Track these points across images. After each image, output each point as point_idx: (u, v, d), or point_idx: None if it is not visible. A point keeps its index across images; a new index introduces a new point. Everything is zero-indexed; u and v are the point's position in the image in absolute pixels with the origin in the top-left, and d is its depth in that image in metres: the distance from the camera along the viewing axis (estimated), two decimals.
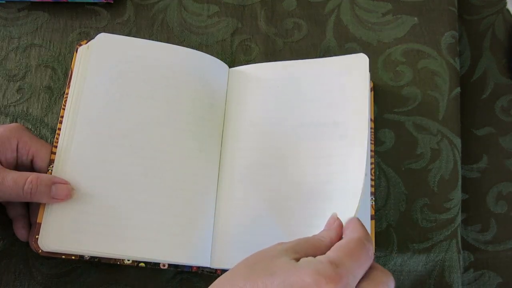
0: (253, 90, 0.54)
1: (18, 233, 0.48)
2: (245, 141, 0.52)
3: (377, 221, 0.52)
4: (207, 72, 0.54)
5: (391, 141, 0.55)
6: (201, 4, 0.60)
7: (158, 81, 0.52)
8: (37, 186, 0.45)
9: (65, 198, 0.46)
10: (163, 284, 0.50)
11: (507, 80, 0.60)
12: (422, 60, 0.58)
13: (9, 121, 0.54)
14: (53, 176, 0.46)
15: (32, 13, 0.59)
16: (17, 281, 0.49)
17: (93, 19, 0.59)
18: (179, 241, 0.48)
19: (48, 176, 0.46)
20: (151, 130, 0.50)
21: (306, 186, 0.49)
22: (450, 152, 0.54)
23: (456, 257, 0.51)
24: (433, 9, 0.60)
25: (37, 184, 0.45)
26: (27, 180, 0.45)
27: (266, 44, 0.59)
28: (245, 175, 0.50)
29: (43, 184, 0.45)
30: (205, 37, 0.59)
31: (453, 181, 0.53)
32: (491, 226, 0.54)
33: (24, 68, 0.57)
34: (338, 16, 0.60)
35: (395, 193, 0.53)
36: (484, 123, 0.58)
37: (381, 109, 0.56)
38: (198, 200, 0.49)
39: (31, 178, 0.45)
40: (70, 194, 0.46)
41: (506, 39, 0.61)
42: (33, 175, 0.45)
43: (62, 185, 0.46)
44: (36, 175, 0.45)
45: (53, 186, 0.45)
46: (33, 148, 0.48)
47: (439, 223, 0.52)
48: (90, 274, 0.50)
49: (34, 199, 0.45)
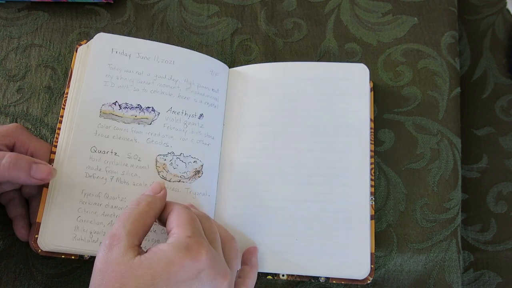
0: (253, 91, 0.54)
1: (18, 233, 0.48)
2: (245, 141, 0.52)
3: (377, 221, 0.52)
4: (206, 73, 0.54)
5: (391, 141, 0.55)
6: (201, 4, 0.60)
7: (157, 82, 0.52)
8: (17, 161, 0.43)
9: (46, 177, 0.44)
10: None
11: (507, 80, 0.60)
12: (422, 60, 0.58)
13: (9, 121, 0.54)
14: (34, 159, 0.45)
15: (32, 13, 0.59)
16: (17, 281, 0.49)
17: (93, 19, 0.59)
18: None
19: (29, 157, 0.45)
20: (154, 130, 0.50)
21: (305, 187, 0.49)
22: (450, 152, 0.54)
23: (456, 257, 0.51)
24: (433, 9, 0.60)
25: (17, 159, 0.43)
26: (6, 155, 0.43)
27: (266, 44, 0.59)
28: (244, 175, 0.50)
29: (24, 160, 0.44)
30: (205, 37, 0.59)
31: (453, 181, 0.53)
32: (491, 226, 0.54)
33: (24, 68, 0.57)
34: (338, 16, 0.60)
35: (395, 193, 0.53)
36: (484, 123, 0.58)
37: (381, 109, 0.56)
38: (202, 202, 0.50)
39: (11, 154, 0.43)
40: (51, 172, 0.45)
41: (506, 39, 0.61)
42: (13, 153, 0.44)
43: (43, 165, 0.45)
44: (16, 153, 0.44)
45: (33, 164, 0.44)
46: (32, 148, 0.48)
47: (439, 223, 0.52)
48: (90, 274, 0.50)
49: (12, 174, 0.43)
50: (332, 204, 0.49)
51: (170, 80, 0.52)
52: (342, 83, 0.52)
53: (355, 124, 0.51)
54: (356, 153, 0.50)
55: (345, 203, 0.49)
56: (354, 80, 0.52)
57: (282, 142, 0.51)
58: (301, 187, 0.49)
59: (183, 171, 0.49)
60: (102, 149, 0.49)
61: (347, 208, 0.49)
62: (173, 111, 0.51)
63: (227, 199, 0.50)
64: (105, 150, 0.49)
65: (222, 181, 0.51)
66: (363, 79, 0.52)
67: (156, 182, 0.45)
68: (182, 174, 0.49)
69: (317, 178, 0.49)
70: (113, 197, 0.48)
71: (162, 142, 0.50)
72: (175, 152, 0.50)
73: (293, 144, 0.51)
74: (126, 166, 0.49)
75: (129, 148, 0.49)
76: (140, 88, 0.51)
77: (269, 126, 0.52)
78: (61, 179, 0.47)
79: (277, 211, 0.49)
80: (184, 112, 0.51)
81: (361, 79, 0.52)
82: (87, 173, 0.48)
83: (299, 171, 0.50)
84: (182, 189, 0.49)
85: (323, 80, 0.53)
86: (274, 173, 0.50)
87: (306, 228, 0.48)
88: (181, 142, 0.50)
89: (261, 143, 0.51)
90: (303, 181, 0.49)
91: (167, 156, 0.50)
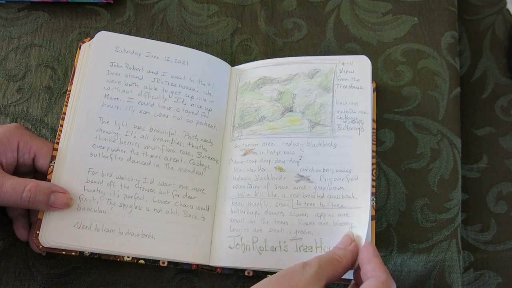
0: (256, 87, 0.54)
1: (18, 233, 0.48)
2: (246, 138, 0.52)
3: (377, 221, 0.52)
4: (208, 71, 0.54)
5: (391, 141, 0.55)
6: (201, 4, 0.60)
7: (157, 80, 0.52)
8: (36, 195, 0.44)
9: (63, 207, 0.46)
10: (163, 283, 0.50)
11: (507, 80, 0.60)
12: (422, 60, 0.58)
13: (9, 121, 0.54)
14: (52, 185, 0.46)
15: (32, 13, 0.59)
16: (17, 281, 0.49)
17: (93, 19, 0.59)
18: (180, 239, 0.48)
19: (47, 184, 0.46)
20: (156, 127, 0.51)
21: (305, 190, 0.49)
22: (450, 152, 0.54)
23: (456, 257, 0.51)
24: (433, 9, 0.60)
25: (36, 193, 0.44)
26: (25, 188, 0.44)
27: (266, 44, 0.59)
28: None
29: (42, 193, 0.45)
30: (205, 37, 0.59)
31: (453, 181, 0.53)
32: (491, 226, 0.54)
33: (24, 68, 0.57)
34: (338, 16, 0.60)
35: (395, 193, 0.53)
36: (484, 123, 0.58)
37: (381, 109, 0.56)
38: (201, 199, 0.50)
39: (30, 186, 0.44)
40: (68, 203, 0.46)
41: (506, 39, 0.61)
42: (32, 183, 0.45)
43: (61, 194, 0.46)
44: (35, 183, 0.45)
45: (51, 194, 0.45)
46: (34, 147, 0.48)
47: (439, 223, 0.52)
48: (90, 274, 0.50)
49: (32, 206, 0.45)
50: (333, 204, 0.48)
51: (173, 78, 0.52)
52: (344, 75, 0.52)
53: (356, 117, 0.50)
54: (358, 150, 0.50)
55: (347, 203, 0.48)
56: (356, 72, 0.52)
57: (283, 138, 0.51)
58: (298, 184, 0.49)
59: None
60: (102, 147, 0.49)
61: (348, 209, 0.48)
62: (176, 110, 0.52)
63: (226, 198, 0.50)
64: (106, 149, 0.49)
65: (221, 179, 0.51)
66: (366, 72, 0.52)
67: (346, 235, 0.46)
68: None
69: (315, 174, 0.49)
70: (115, 194, 0.48)
71: (164, 139, 0.50)
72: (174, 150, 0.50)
73: (294, 140, 0.51)
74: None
75: (132, 146, 0.50)
76: (141, 85, 0.52)
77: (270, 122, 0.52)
78: (63, 175, 0.48)
79: (278, 210, 0.49)
80: (185, 110, 0.52)
81: (363, 72, 0.52)
82: (89, 170, 0.48)
83: (298, 167, 0.50)
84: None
85: (323, 72, 0.53)
86: (272, 171, 0.50)
87: (305, 226, 0.48)
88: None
89: (260, 140, 0.51)
90: (300, 179, 0.49)
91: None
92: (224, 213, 0.50)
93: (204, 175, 0.51)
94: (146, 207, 0.48)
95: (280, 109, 0.52)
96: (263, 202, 0.49)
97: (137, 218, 0.48)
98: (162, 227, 0.48)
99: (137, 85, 0.52)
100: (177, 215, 0.48)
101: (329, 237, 0.47)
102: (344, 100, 0.51)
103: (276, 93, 0.53)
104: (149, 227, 0.47)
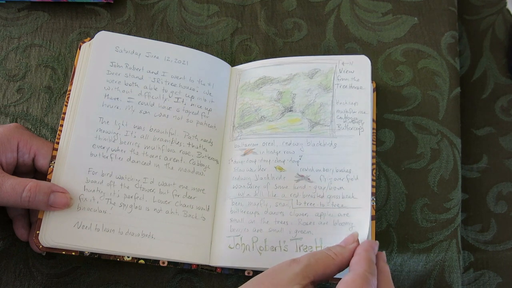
0: (256, 87, 0.54)
1: (18, 233, 0.48)
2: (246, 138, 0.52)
3: (377, 221, 0.52)
4: (208, 71, 0.54)
5: (391, 141, 0.55)
6: (201, 4, 0.60)
7: (157, 80, 0.52)
8: (36, 195, 0.44)
9: (63, 207, 0.46)
10: (163, 284, 0.50)
11: (507, 80, 0.60)
12: (422, 60, 0.58)
13: (9, 121, 0.54)
14: (52, 184, 0.46)
15: (32, 13, 0.59)
16: (17, 281, 0.49)
17: (93, 19, 0.59)
18: (180, 239, 0.48)
19: (47, 184, 0.46)
20: (156, 127, 0.51)
21: (305, 190, 0.49)
22: (450, 152, 0.54)
23: (456, 257, 0.51)
24: (433, 9, 0.60)
25: (36, 193, 0.44)
26: (25, 188, 0.44)
27: (266, 44, 0.59)
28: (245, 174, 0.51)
29: (42, 192, 0.45)
30: (205, 37, 0.59)
31: (453, 181, 0.53)
32: (491, 226, 0.54)
33: (24, 68, 0.57)
34: (338, 16, 0.60)
35: (395, 193, 0.53)
36: (484, 123, 0.58)
37: (381, 109, 0.56)
38: (201, 199, 0.50)
39: (29, 186, 0.44)
40: (68, 203, 0.46)
41: (506, 39, 0.61)
42: (32, 182, 0.45)
43: (60, 194, 0.46)
44: (35, 183, 0.45)
45: (51, 194, 0.45)
46: (34, 147, 0.48)
47: (439, 223, 0.52)
48: (90, 274, 0.50)
49: (32, 206, 0.45)
50: (333, 204, 0.48)
51: (173, 78, 0.52)
52: (344, 75, 0.52)
53: (356, 117, 0.50)
54: (358, 150, 0.50)
55: (347, 203, 0.48)
56: (356, 72, 0.52)
57: (283, 137, 0.51)
58: (298, 183, 0.49)
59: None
60: (102, 146, 0.49)
61: (348, 208, 0.48)
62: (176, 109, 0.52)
63: (226, 197, 0.50)
64: (106, 148, 0.49)
65: (221, 179, 0.51)
66: (365, 71, 0.52)
67: (351, 234, 0.45)
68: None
69: (315, 174, 0.49)
70: (115, 194, 0.48)
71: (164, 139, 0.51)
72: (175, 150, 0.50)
73: (294, 140, 0.51)
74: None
75: (132, 146, 0.50)
76: (141, 85, 0.52)
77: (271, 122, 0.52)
78: (63, 175, 0.48)
79: (277, 209, 0.49)
80: (186, 110, 0.52)
81: (363, 71, 0.52)
82: (88, 170, 0.48)
83: (298, 167, 0.50)
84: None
85: (323, 72, 0.53)
86: (272, 171, 0.50)
87: (305, 226, 0.48)
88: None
89: (260, 140, 0.51)
90: (299, 179, 0.49)
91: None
92: (224, 213, 0.50)
93: (204, 175, 0.51)
94: (146, 207, 0.48)
95: (280, 109, 0.52)
96: (263, 202, 0.49)
97: (137, 218, 0.48)
98: (162, 227, 0.48)
99: (137, 85, 0.52)
100: (177, 215, 0.48)
101: (329, 237, 0.47)
102: (344, 100, 0.51)
103: (276, 93, 0.53)
104: (149, 227, 0.47)
